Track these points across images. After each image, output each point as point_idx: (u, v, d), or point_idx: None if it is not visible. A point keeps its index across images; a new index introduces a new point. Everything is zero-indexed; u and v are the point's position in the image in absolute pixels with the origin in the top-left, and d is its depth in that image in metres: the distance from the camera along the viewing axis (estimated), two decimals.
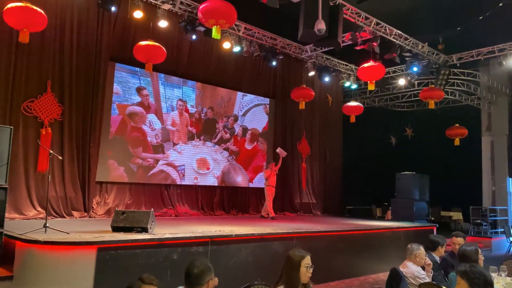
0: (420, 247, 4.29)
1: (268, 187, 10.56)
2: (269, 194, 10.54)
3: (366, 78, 9.90)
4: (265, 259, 6.47)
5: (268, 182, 10.58)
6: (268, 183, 10.56)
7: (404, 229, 9.51)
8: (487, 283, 2.53)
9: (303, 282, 2.99)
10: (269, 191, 10.55)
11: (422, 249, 4.28)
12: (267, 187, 10.57)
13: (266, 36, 11.24)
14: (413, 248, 4.32)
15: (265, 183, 10.67)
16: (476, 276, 2.54)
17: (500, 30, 10.51)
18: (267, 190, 10.56)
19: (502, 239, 12.25)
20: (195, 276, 2.55)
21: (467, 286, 2.55)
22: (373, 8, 9.77)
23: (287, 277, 2.98)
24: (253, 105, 12.53)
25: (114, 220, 5.78)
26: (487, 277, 2.55)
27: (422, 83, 13.68)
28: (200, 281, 2.56)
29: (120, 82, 9.62)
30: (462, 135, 13.28)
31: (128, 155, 9.65)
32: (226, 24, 7.05)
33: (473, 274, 2.55)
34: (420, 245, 4.33)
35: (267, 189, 10.57)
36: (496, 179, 14.38)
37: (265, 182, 10.68)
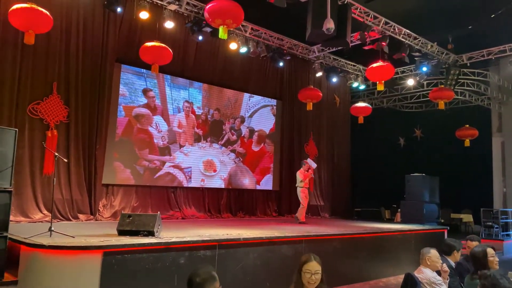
0: (430, 250, 4.15)
1: (302, 188, 9.88)
2: (303, 196, 9.86)
3: (375, 79, 9.77)
4: (274, 263, 6.34)
5: (302, 183, 9.88)
6: (303, 184, 9.88)
7: (414, 232, 9.32)
8: None
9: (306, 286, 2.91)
10: (304, 193, 9.90)
11: (433, 252, 4.13)
12: (301, 189, 9.88)
13: (273, 37, 11.13)
14: (423, 252, 4.19)
15: (299, 185, 9.92)
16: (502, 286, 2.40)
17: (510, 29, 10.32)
18: (301, 192, 9.88)
19: None
20: (196, 285, 2.43)
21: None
22: (382, 8, 9.64)
23: (295, 278, 2.97)
24: (260, 106, 12.42)
25: (120, 223, 5.68)
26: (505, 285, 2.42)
27: (431, 83, 13.49)
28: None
29: (126, 83, 9.56)
30: (472, 136, 13.09)
31: (134, 157, 9.58)
32: (233, 24, 6.95)
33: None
34: (431, 248, 4.19)
35: (301, 191, 9.88)
36: (507, 181, 14.13)
37: (300, 183, 9.91)
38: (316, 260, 2.96)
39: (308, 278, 2.88)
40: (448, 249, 4.58)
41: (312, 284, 2.89)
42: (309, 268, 2.91)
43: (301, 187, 9.88)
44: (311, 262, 2.94)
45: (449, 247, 4.58)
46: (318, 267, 2.93)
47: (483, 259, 3.93)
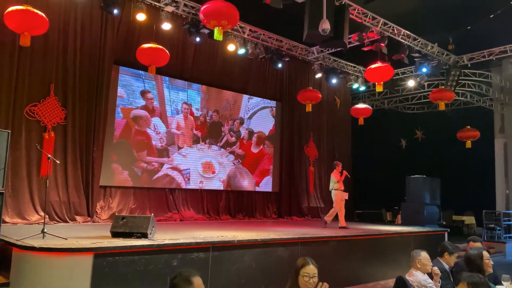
0: (420, 252, 4.11)
1: (337, 191, 9.30)
2: (340, 199, 9.27)
3: (374, 80, 9.71)
4: (269, 265, 6.29)
5: (337, 185, 9.31)
6: (338, 186, 9.31)
7: (414, 234, 9.24)
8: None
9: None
10: (340, 196, 9.29)
11: (424, 254, 4.09)
12: (336, 191, 9.31)
13: (272, 38, 11.10)
14: (414, 254, 4.16)
15: (334, 187, 9.37)
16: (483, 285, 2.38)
17: None
18: (336, 195, 9.31)
19: None
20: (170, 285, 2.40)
21: None
22: (381, 8, 9.58)
23: (290, 282, 3.02)
24: (259, 108, 12.39)
25: (113, 225, 5.67)
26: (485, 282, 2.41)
27: (432, 84, 13.41)
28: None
29: (124, 85, 9.56)
30: (474, 138, 12.98)
31: (132, 159, 9.58)
32: (228, 25, 6.93)
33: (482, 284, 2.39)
34: (422, 251, 4.15)
35: (336, 194, 9.31)
36: (510, 182, 14.00)
37: (334, 185, 9.35)
38: (313, 264, 3.04)
39: (307, 282, 2.94)
40: (441, 251, 4.53)
41: None
42: (308, 272, 2.97)
43: (336, 189, 9.31)
44: (309, 265, 3.00)
45: (442, 249, 4.53)
46: (315, 271, 3.01)
47: (479, 261, 3.89)
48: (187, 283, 2.37)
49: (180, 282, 2.38)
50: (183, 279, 2.39)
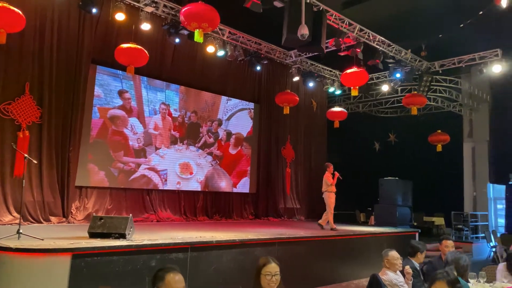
0: (389, 252, 4.28)
1: (330, 193, 9.30)
2: (331, 202, 9.27)
3: (349, 84, 9.93)
4: (247, 265, 6.37)
5: (330, 187, 9.28)
6: (331, 189, 9.29)
7: (386, 235, 9.54)
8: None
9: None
10: (331, 198, 9.29)
11: (391, 254, 4.26)
12: (329, 194, 9.29)
13: (251, 41, 11.21)
14: (383, 254, 4.33)
15: (326, 189, 9.31)
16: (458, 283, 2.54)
17: (481, 38, 10.68)
18: (330, 197, 9.28)
19: (483, 244, 12.37)
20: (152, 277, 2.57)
21: None
22: (357, 15, 9.84)
23: (253, 283, 2.95)
24: (238, 109, 12.48)
25: (91, 226, 5.65)
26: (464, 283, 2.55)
27: (405, 89, 13.81)
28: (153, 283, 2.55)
29: (101, 85, 9.47)
30: (444, 141, 13.42)
31: (109, 159, 9.49)
32: (209, 27, 6.98)
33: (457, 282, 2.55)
34: (390, 250, 4.32)
35: (330, 196, 9.29)
36: (477, 185, 14.58)
37: (327, 187, 9.29)
38: (274, 262, 2.96)
39: (269, 280, 2.87)
40: (412, 250, 4.72)
41: (272, 286, 2.89)
42: (269, 270, 2.89)
43: (330, 191, 9.31)
44: (270, 264, 2.93)
45: (413, 249, 4.73)
46: (277, 269, 2.94)
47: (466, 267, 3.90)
48: (160, 278, 2.51)
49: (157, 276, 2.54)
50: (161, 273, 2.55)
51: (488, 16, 9.01)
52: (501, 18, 8.61)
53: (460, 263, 3.62)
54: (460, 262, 3.65)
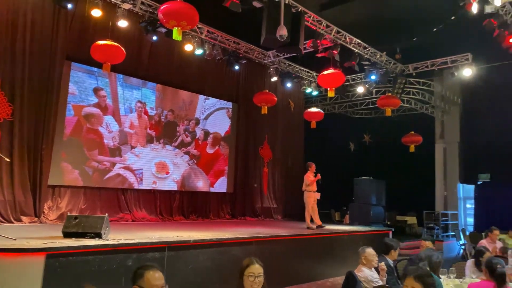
0: (366, 249, 4.39)
1: (309, 193, 9.33)
2: (310, 201, 9.29)
3: (326, 85, 10.07)
4: (224, 264, 6.40)
5: (310, 187, 9.32)
6: (310, 188, 9.32)
7: (361, 233, 9.72)
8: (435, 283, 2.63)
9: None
10: (311, 198, 9.31)
11: (368, 251, 4.37)
12: (308, 193, 9.32)
13: (229, 40, 11.21)
14: (360, 251, 4.43)
15: (306, 189, 9.34)
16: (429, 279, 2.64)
17: (453, 42, 11.02)
18: (308, 196, 9.32)
19: (453, 242, 12.78)
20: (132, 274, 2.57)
21: None
22: (334, 17, 9.99)
23: (236, 284, 2.91)
24: (216, 108, 12.46)
25: (65, 225, 5.53)
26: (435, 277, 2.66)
27: (380, 91, 14.10)
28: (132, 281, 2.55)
29: (76, 82, 9.28)
30: (417, 142, 13.77)
31: (83, 157, 9.31)
32: (188, 26, 6.96)
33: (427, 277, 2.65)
34: (367, 247, 4.43)
35: (308, 195, 9.32)
36: (448, 185, 15.03)
37: (306, 187, 9.33)
38: (258, 263, 2.93)
39: (252, 282, 2.83)
40: (386, 248, 4.85)
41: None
42: (252, 271, 2.86)
43: (309, 191, 9.35)
44: (254, 265, 2.89)
45: (387, 247, 4.85)
46: (261, 270, 2.90)
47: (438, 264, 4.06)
48: (140, 276, 2.51)
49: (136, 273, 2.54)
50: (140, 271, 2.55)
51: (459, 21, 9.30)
52: (471, 24, 8.90)
53: (433, 260, 3.75)
54: (433, 258, 3.77)
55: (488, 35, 9.24)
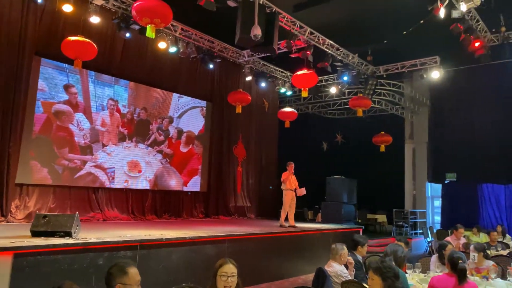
0: (344, 246, 4.51)
1: (284, 191, 9.57)
2: (286, 199, 9.52)
3: (299, 85, 10.19)
4: (197, 263, 6.41)
5: (285, 186, 9.56)
6: (286, 186, 9.55)
7: (332, 231, 9.89)
8: (396, 276, 2.75)
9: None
10: (287, 196, 9.54)
11: (346, 249, 4.50)
12: (285, 192, 9.56)
13: (204, 39, 11.19)
14: (338, 248, 4.53)
15: (283, 187, 9.62)
16: (388, 271, 2.74)
17: (422, 45, 11.37)
18: (285, 195, 9.55)
19: (421, 240, 13.17)
20: (106, 275, 2.52)
21: (380, 280, 2.74)
22: (308, 18, 10.12)
23: (210, 283, 2.89)
24: (190, 107, 12.40)
25: (34, 224, 5.42)
26: (396, 270, 2.77)
27: (351, 92, 14.37)
28: (109, 282, 2.49)
29: (46, 78, 9.07)
30: (387, 142, 14.09)
31: (52, 156, 9.11)
32: (161, 23, 6.91)
33: (385, 269, 2.75)
34: (344, 245, 4.55)
35: (285, 194, 9.55)
36: (417, 184, 15.47)
37: (283, 186, 9.61)
38: (231, 263, 2.91)
39: (224, 282, 2.81)
40: (354, 244, 4.99)
41: None
42: (225, 271, 2.83)
43: (285, 189, 9.54)
44: (227, 264, 2.87)
45: (355, 243, 5.00)
46: (234, 270, 2.87)
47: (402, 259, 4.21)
48: (122, 273, 2.47)
49: (115, 272, 2.48)
50: (119, 268, 2.50)
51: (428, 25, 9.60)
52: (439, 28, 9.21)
53: (398, 254, 3.89)
54: (398, 253, 3.91)
55: (455, 39, 9.59)
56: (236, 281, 2.86)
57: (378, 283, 2.77)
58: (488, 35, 10.48)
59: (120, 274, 2.48)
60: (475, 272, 4.71)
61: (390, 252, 3.91)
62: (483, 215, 13.96)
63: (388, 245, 4.36)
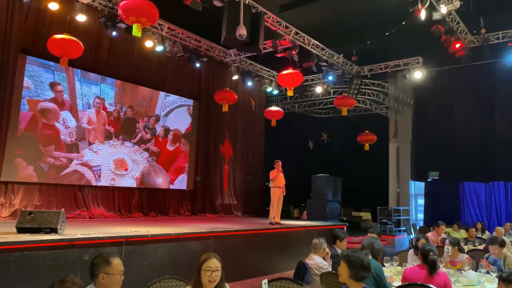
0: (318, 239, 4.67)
1: (273, 188, 9.75)
2: (273, 197, 9.69)
3: (285, 84, 10.33)
4: (182, 259, 6.51)
5: (273, 183, 9.74)
6: (274, 184, 9.74)
7: (317, 228, 10.07)
8: (363, 265, 2.93)
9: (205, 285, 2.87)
10: (274, 194, 9.72)
11: (322, 242, 4.67)
12: (272, 189, 9.75)
13: (190, 38, 11.26)
14: (321, 242, 4.71)
15: (271, 185, 9.79)
16: (354, 259, 2.92)
17: (405, 46, 11.60)
18: (272, 192, 9.74)
19: (404, 237, 13.44)
20: (90, 265, 2.64)
21: (346, 267, 2.93)
22: (294, 18, 10.28)
23: (194, 277, 2.93)
24: (176, 105, 12.46)
25: (19, 220, 5.47)
26: (364, 261, 2.95)
27: (337, 91, 14.57)
28: (93, 272, 2.61)
29: (31, 76, 9.06)
30: (371, 141, 14.32)
31: (38, 153, 9.11)
32: (148, 22, 6.99)
33: (352, 258, 2.93)
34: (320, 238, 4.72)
35: (272, 191, 9.74)
36: (401, 182, 15.76)
37: (271, 183, 9.77)
38: (216, 257, 2.94)
39: (209, 276, 2.85)
40: (334, 239, 5.16)
41: (213, 282, 2.87)
42: (210, 265, 2.87)
43: (273, 187, 9.73)
44: (211, 259, 2.91)
45: (335, 237, 5.17)
46: (218, 264, 2.91)
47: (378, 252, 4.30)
48: (106, 263, 2.58)
49: (99, 262, 2.60)
50: (103, 258, 2.61)
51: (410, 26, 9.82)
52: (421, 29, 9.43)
53: (374, 247, 4.05)
54: (374, 246, 4.08)
55: (437, 40, 9.83)
56: (220, 275, 2.91)
57: (345, 270, 2.96)
58: (468, 36, 10.75)
59: (104, 264, 2.59)
60: (450, 265, 4.90)
61: (367, 245, 4.07)
62: (465, 212, 14.31)
63: (364, 239, 4.53)
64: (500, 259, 5.19)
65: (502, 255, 5.27)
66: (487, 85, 13.23)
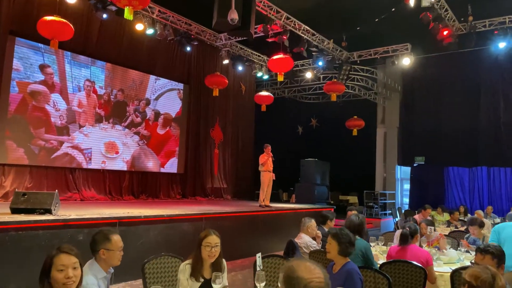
0: (311, 220, 4.86)
1: (263, 172, 9.95)
2: (264, 180, 9.90)
3: (275, 70, 10.38)
4: (174, 240, 6.67)
5: (263, 167, 9.94)
6: (264, 168, 9.94)
7: (305, 210, 10.31)
8: (351, 242, 3.13)
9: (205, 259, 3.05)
10: (264, 177, 9.92)
11: (313, 222, 4.86)
12: (262, 173, 9.95)
13: (181, 21, 11.22)
14: (305, 221, 4.90)
15: (261, 169, 10.00)
16: (343, 237, 3.11)
17: (394, 32, 11.73)
18: (262, 176, 9.93)
19: (390, 220, 13.78)
20: (91, 240, 2.75)
21: (336, 244, 3.11)
22: (284, 3, 10.29)
23: (194, 253, 3.09)
24: (167, 89, 12.47)
25: (13, 201, 5.54)
26: (351, 237, 3.15)
27: (326, 77, 14.68)
28: (94, 247, 2.72)
29: (21, 58, 8.99)
30: (359, 126, 14.52)
31: (29, 136, 9.11)
32: (140, 5, 6.96)
33: (341, 235, 3.12)
34: (312, 219, 4.90)
35: (262, 175, 9.94)
36: (387, 167, 16.07)
37: (261, 167, 9.99)
38: (215, 234, 3.11)
39: (209, 251, 3.01)
40: (323, 219, 5.35)
41: (212, 257, 3.05)
42: (210, 241, 3.03)
43: (263, 171, 9.93)
44: (211, 235, 3.07)
45: (323, 218, 5.36)
46: (217, 240, 3.09)
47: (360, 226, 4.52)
48: (106, 239, 2.71)
49: (99, 238, 2.72)
50: (103, 235, 2.74)
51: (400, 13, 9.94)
52: (410, 16, 9.56)
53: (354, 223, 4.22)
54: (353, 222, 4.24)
55: (425, 27, 9.97)
56: (219, 250, 3.10)
57: (334, 247, 3.15)
58: (456, 24, 10.91)
59: (104, 240, 2.72)
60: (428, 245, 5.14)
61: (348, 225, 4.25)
62: (449, 196, 14.71)
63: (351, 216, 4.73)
64: (479, 239, 5.46)
65: (481, 236, 5.54)
66: (473, 72, 13.45)
